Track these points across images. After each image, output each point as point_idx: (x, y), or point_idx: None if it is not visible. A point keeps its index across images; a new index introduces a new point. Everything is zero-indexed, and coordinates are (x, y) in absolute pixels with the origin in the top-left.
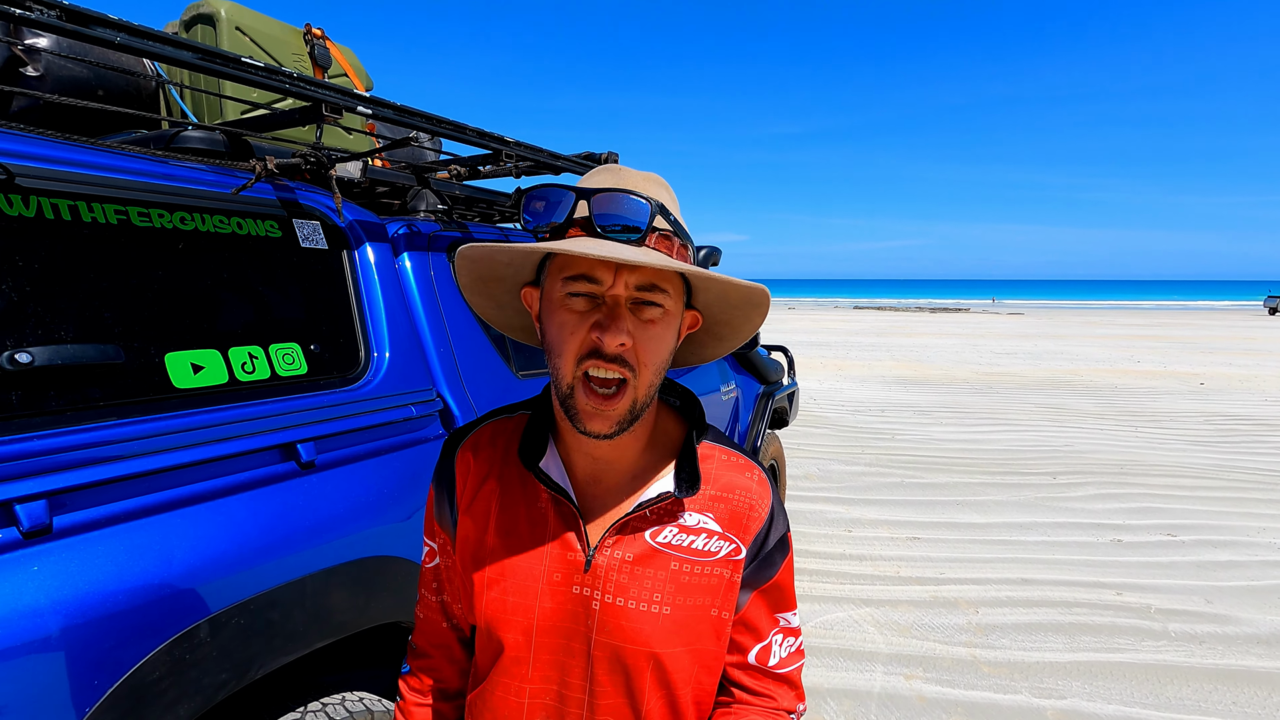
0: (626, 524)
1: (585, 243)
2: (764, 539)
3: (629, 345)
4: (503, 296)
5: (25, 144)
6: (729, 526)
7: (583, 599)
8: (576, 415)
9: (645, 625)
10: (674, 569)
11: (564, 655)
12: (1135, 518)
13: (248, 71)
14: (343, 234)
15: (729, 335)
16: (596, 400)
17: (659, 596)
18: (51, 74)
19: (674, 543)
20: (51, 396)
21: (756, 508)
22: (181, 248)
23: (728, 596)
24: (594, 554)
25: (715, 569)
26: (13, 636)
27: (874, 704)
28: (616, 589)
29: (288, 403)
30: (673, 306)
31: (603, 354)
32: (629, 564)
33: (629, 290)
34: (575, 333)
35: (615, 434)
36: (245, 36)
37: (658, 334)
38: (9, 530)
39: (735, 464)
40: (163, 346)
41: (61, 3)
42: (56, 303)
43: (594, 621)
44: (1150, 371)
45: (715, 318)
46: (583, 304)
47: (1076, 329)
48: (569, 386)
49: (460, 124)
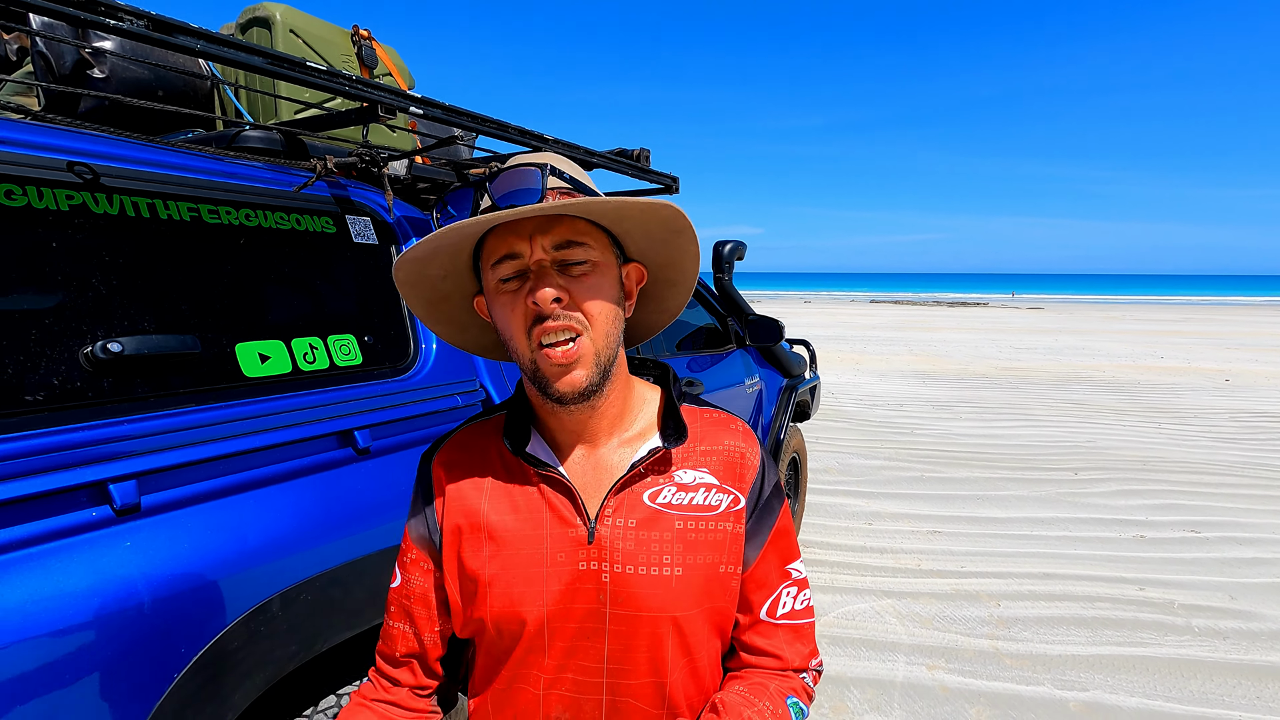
0: (622, 487)
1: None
2: (760, 487)
3: (565, 300)
4: (462, 317)
5: (107, 145)
6: (725, 478)
7: (591, 574)
8: (547, 383)
9: (659, 589)
10: (679, 528)
11: (580, 638)
12: (1158, 514)
13: (313, 75)
14: (391, 229)
15: (678, 278)
16: (557, 358)
17: (668, 558)
18: (116, 75)
19: (674, 502)
20: (138, 383)
21: (747, 456)
22: (247, 243)
23: (734, 551)
24: (595, 525)
25: (719, 523)
26: (111, 605)
27: (897, 693)
28: (624, 557)
29: (345, 391)
30: (600, 256)
31: (544, 316)
32: (633, 530)
33: (549, 253)
34: (515, 308)
35: (588, 391)
36: (298, 38)
37: (593, 284)
38: (103, 508)
39: (718, 419)
40: (233, 337)
41: (149, 13)
42: (140, 295)
43: (606, 595)
44: (1174, 367)
45: (653, 260)
46: (514, 283)
47: (1097, 324)
48: (531, 361)
49: (503, 122)
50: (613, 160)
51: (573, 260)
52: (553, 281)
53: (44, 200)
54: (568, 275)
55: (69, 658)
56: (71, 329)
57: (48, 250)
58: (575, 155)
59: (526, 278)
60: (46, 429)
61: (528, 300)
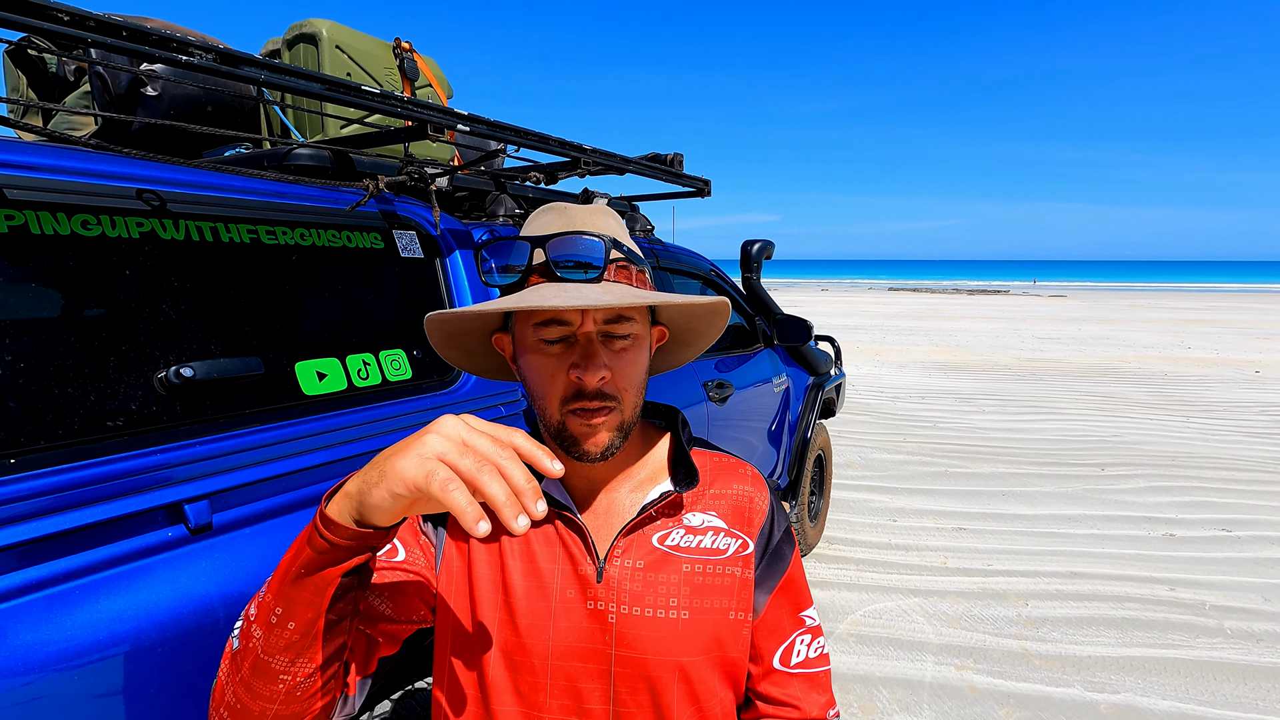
0: (632, 529)
1: (549, 289)
2: (769, 532)
3: (608, 378)
4: (474, 347)
5: (171, 171)
6: (734, 523)
7: (598, 614)
8: (571, 443)
9: (665, 633)
10: (687, 571)
11: (583, 678)
12: (1188, 511)
13: (366, 98)
14: (435, 242)
15: (695, 341)
16: (586, 417)
17: (675, 601)
18: (167, 93)
19: (682, 545)
20: (207, 406)
21: (756, 501)
22: (302, 262)
23: (743, 596)
24: (604, 565)
25: (727, 568)
26: (187, 620)
27: (926, 693)
28: (631, 598)
29: (397, 406)
30: (641, 330)
31: (585, 393)
32: (640, 571)
33: (598, 325)
34: (555, 375)
35: (608, 453)
36: (343, 53)
37: (632, 358)
38: (178, 528)
39: (728, 464)
40: (293, 356)
41: (217, 49)
42: (206, 318)
43: (612, 637)
44: (1202, 358)
45: (681, 328)
46: (557, 347)
47: (1123, 312)
48: (559, 423)
49: (544, 135)
50: (647, 166)
51: (619, 334)
52: (600, 361)
53: (116, 229)
54: (610, 349)
55: (152, 667)
56: (145, 355)
57: (122, 277)
58: (611, 164)
59: (570, 343)
60: (126, 454)
61: (571, 374)
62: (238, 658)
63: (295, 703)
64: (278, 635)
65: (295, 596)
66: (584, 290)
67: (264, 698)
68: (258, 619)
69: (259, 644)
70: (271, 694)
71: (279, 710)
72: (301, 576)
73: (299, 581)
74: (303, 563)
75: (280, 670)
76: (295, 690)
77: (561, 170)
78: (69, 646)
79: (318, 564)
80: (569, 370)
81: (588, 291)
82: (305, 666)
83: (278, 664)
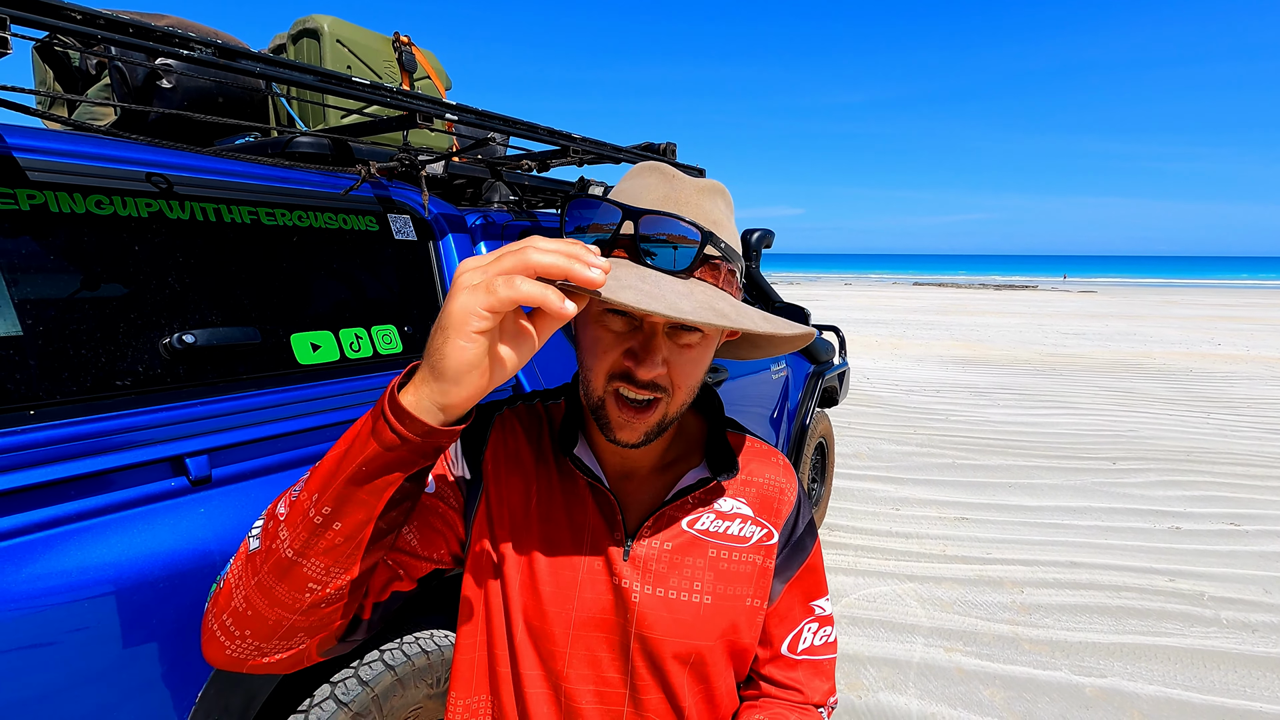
0: (664, 512)
1: (628, 273)
2: (794, 523)
3: (664, 373)
4: None
5: (178, 157)
6: (760, 511)
7: (622, 590)
8: (606, 424)
9: (686, 616)
10: (712, 556)
11: (603, 649)
12: (1197, 505)
13: (356, 88)
14: (429, 226)
15: (767, 347)
16: (628, 413)
17: (699, 585)
18: (182, 85)
19: (711, 529)
20: (208, 370)
21: (785, 492)
22: (300, 242)
23: (761, 584)
24: (632, 543)
25: (749, 555)
26: (187, 562)
27: (913, 673)
28: (656, 579)
29: (388, 377)
30: (711, 330)
31: (634, 380)
32: (668, 553)
33: (667, 318)
34: (609, 352)
35: (642, 444)
36: (344, 48)
37: (694, 357)
38: (180, 479)
39: (760, 450)
40: (288, 328)
41: (215, 43)
42: (209, 291)
43: (634, 615)
44: (1231, 355)
45: (755, 337)
46: (620, 324)
47: (1153, 308)
48: (599, 398)
49: (533, 124)
50: (638, 155)
51: (688, 327)
52: (659, 358)
53: (128, 208)
54: (675, 342)
55: (154, 605)
56: (152, 322)
57: (131, 252)
58: (602, 152)
59: (634, 324)
60: (133, 410)
61: (626, 360)
62: (255, 560)
63: (316, 616)
64: (318, 537)
65: (349, 495)
66: (664, 286)
67: (284, 606)
68: (290, 519)
69: (288, 546)
70: (294, 603)
71: (296, 622)
72: (360, 474)
73: (355, 480)
74: (365, 459)
75: (311, 578)
76: (321, 603)
77: (552, 158)
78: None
79: (381, 462)
80: (624, 354)
81: (667, 290)
82: (339, 578)
83: (310, 570)
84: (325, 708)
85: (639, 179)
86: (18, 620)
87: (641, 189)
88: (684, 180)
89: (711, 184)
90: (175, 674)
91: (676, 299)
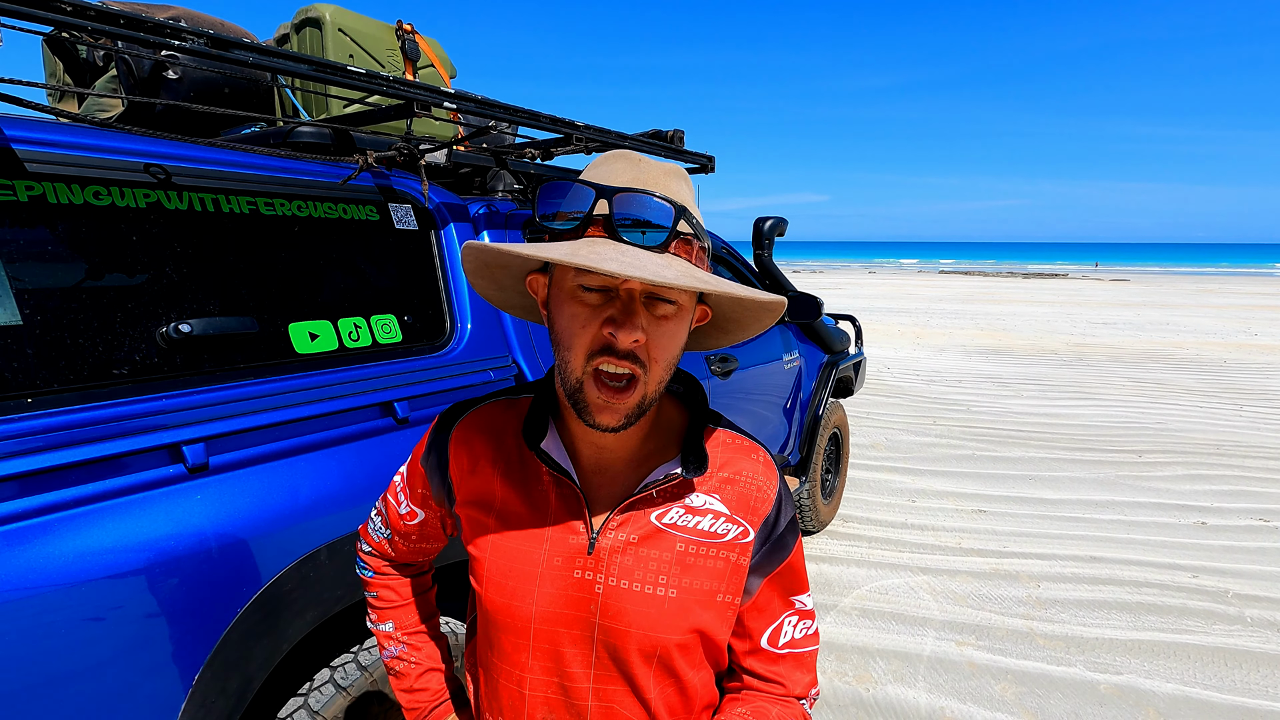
0: (631, 505)
1: (606, 248)
2: (774, 522)
3: (642, 341)
4: (506, 281)
5: (176, 148)
6: (737, 509)
7: (585, 584)
8: (585, 409)
9: (650, 609)
10: (679, 550)
11: (565, 644)
12: (1225, 500)
13: (352, 78)
14: (430, 215)
15: (735, 330)
16: (607, 394)
17: (664, 579)
18: (188, 75)
19: (679, 523)
20: (205, 359)
21: (764, 490)
22: (299, 232)
23: (734, 581)
24: (597, 537)
25: (721, 551)
26: (184, 548)
27: (923, 666)
28: (620, 571)
29: (386, 366)
30: (686, 302)
31: (615, 351)
32: (633, 545)
33: (644, 285)
34: (587, 326)
35: (622, 428)
36: (346, 37)
37: (670, 330)
38: (177, 466)
39: (741, 446)
40: (286, 318)
41: (207, 33)
42: (206, 281)
43: (597, 607)
44: (1268, 345)
45: (725, 315)
46: (596, 297)
47: (1188, 297)
48: (578, 381)
49: (535, 111)
50: (646, 143)
51: (664, 299)
52: (639, 322)
53: (125, 199)
54: (652, 314)
55: (151, 589)
56: (149, 312)
57: (129, 243)
58: (607, 140)
59: (610, 295)
60: (130, 398)
61: (605, 329)
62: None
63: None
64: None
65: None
66: (643, 258)
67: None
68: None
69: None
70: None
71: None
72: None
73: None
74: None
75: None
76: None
77: (556, 146)
78: (79, 563)
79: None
80: (603, 324)
81: (646, 260)
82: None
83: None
84: (324, 691)
85: (606, 165)
86: (16, 605)
87: (609, 174)
88: (650, 164)
89: (675, 167)
90: (172, 658)
91: (657, 268)
